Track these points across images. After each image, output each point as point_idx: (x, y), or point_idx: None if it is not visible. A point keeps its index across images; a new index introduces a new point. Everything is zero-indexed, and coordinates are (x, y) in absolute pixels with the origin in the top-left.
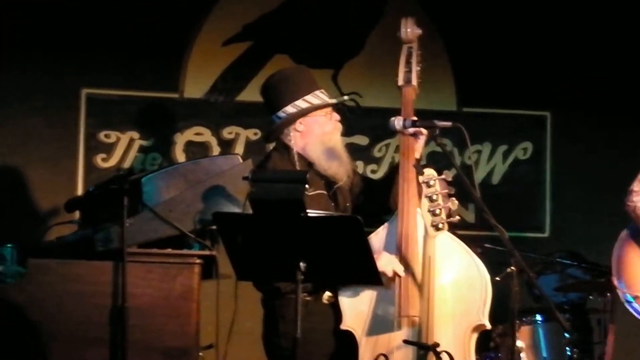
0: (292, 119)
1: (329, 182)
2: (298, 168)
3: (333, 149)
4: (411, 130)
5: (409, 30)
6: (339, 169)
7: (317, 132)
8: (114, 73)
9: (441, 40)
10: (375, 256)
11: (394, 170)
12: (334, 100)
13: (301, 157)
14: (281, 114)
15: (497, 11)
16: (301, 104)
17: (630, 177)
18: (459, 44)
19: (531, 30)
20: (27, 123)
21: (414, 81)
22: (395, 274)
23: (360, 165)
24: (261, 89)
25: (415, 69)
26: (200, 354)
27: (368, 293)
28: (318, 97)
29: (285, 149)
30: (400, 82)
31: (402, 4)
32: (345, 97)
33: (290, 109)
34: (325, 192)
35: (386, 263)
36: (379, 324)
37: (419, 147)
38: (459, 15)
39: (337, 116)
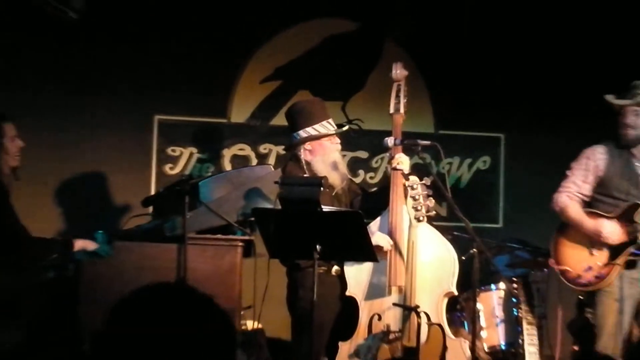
0: (303, 141)
1: (331, 187)
2: (307, 174)
3: (333, 164)
4: (399, 146)
5: (398, 72)
6: (337, 178)
7: (320, 153)
8: (178, 103)
9: (422, 79)
10: (371, 236)
11: (386, 177)
12: (334, 131)
13: (309, 166)
14: (296, 135)
15: (467, 58)
16: (311, 130)
17: None
18: (436, 82)
19: (488, 74)
20: (114, 140)
21: (402, 110)
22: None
23: (361, 173)
24: (285, 114)
25: (402, 101)
26: (242, 312)
27: (367, 267)
28: (325, 126)
29: (298, 160)
30: (392, 110)
31: (394, 51)
32: (345, 127)
33: (303, 133)
34: (328, 192)
35: (380, 238)
36: (375, 291)
37: (405, 160)
38: (437, 61)
39: (337, 140)
